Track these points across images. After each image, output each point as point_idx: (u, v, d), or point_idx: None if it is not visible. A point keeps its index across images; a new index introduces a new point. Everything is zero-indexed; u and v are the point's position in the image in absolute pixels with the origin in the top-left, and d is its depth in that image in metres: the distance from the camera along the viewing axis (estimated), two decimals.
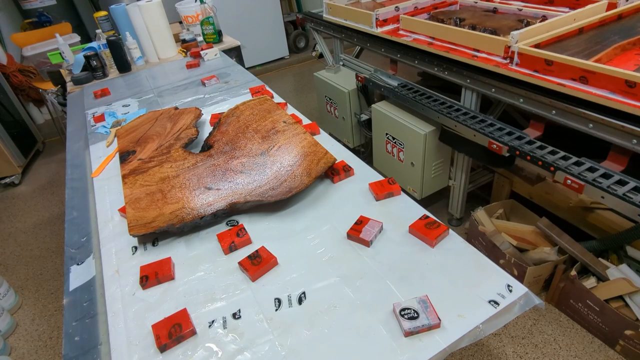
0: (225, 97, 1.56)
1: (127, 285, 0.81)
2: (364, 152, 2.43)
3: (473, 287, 0.71)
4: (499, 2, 1.78)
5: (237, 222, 0.93)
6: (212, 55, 2.02)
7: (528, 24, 1.48)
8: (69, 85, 1.99)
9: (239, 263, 0.80)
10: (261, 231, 0.89)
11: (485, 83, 1.41)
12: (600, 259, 1.38)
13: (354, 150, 2.16)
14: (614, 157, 1.17)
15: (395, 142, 1.86)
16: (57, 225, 2.40)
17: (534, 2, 1.71)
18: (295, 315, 0.70)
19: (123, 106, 1.62)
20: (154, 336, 0.68)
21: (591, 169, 1.12)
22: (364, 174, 1.03)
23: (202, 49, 2.03)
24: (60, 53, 2.12)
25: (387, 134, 1.89)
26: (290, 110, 1.37)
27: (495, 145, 1.31)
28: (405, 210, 0.90)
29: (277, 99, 1.44)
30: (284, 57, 4.29)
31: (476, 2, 1.87)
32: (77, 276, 0.85)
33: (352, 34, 2.02)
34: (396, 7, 1.82)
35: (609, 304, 1.32)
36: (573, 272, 1.40)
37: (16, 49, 3.39)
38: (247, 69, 1.89)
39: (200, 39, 2.23)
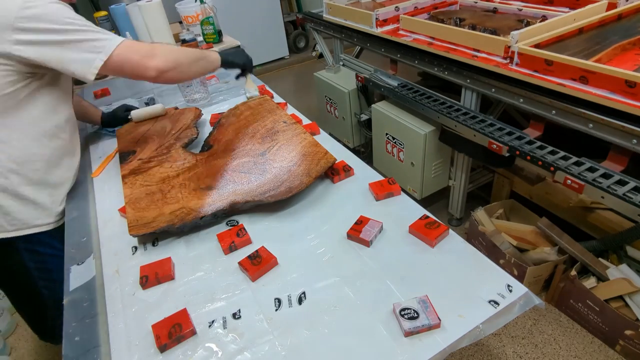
0: (225, 97, 1.56)
1: (127, 285, 0.81)
2: (364, 152, 2.43)
3: (473, 287, 0.71)
4: (499, 2, 1.78)
5: (237, 222, 0.93)
6: None
7: (528, 24, 1.48)
8: None
9: (239, 263, 0.80)
10: (261, 231, 0.89)
11: (485, 83, 1.41)
12: (600, 259, 1.39)
13: (354, 150, 2.16)
14: (614, 157, 1.17)
15: (395, 142, 1.86)
16: None
17: (534, 2, 1.71)
18: (295, 315, 0.70)
19: None
20: (154, 336, 0.68)
21: (591, 169, 1.12)
22: (364, 174, 1.03)
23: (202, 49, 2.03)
24: None
25: (387, 134, 1.89)
26: (290, 110, 1.37)
27: (495, 145, 1.31)
28: (405, 210, 0.90)
29: (277, 99, 1.44)
30: (284, 57, 4.28)
31: (476, 2, 1.87)
32: (77, 276, 0.85)
33: (352, 34, 2.02)
34: (396, 7, 1.82)
35: (609, 304, 1.32)
36: (573, 272, 1.40)
37: None
38: None
39: (200, 39, 2.23)
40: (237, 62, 1.22)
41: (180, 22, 2.43)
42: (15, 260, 1.07)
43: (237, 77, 1.32)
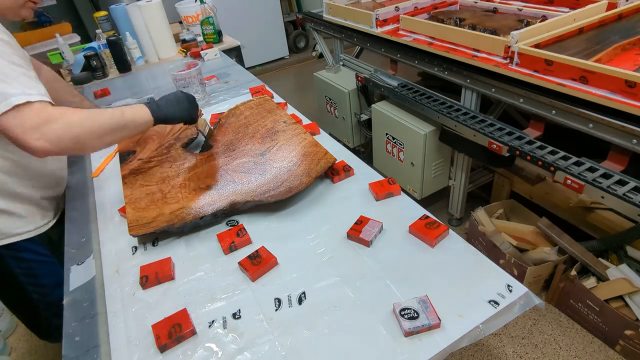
0: (225, 97, 1.56)
1: (127, 285, 0.81)
2: (364, 152, 2.43)
3: (473, 287, 0.71)
4: (499, 2, 1.78)
5: (237, 222, 0.93)
6: (212, 55, 2.02)
7: (528, 24, 1.48)
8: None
9: (239, 263, 0.80)
10: (261, 231, 0.89)
11: (485, 83, 1.41)
12: (600, 259, 1.39)
13: (354, 150, 2.16)
14: (614, 157, 1.17)
15: (395, 142, 1.86)
16: None
17: (534, 2, 1.71)
18: (295, 315, 0.70)
19: None
20: (154, 336, 0.68)
21: (591, 169, 1.12)
22: (364, 174, 1.03)
23: (202, 49, 2.03)
24: (60, 53, 2.12)
25: (387, 134, 1.89)
26: (290, 110, 1.37)
27: (495, 145, 1.31)
28: (405, 210, 0.90)
29: (277, 99, 1.44)
30: (284, 57, 4.28)
31: (476, 2, 1.87)
32: (77, 276, 0.85)
33: (352, 34, 2.02)
34: (396, 7, 1.82)
35: (609, 304, 1.32)
36: (573, 272, 1.40)
37: None
38: (247, 69, 1.89)
39: (200, 39, 2.23)
40: (177, 116, 0.98)
41: (180, 22, 2.43)
42: (2, 267, 1.05)
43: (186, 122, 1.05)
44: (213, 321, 0.71)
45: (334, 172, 1.02)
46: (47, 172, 1.10)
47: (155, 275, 0.79)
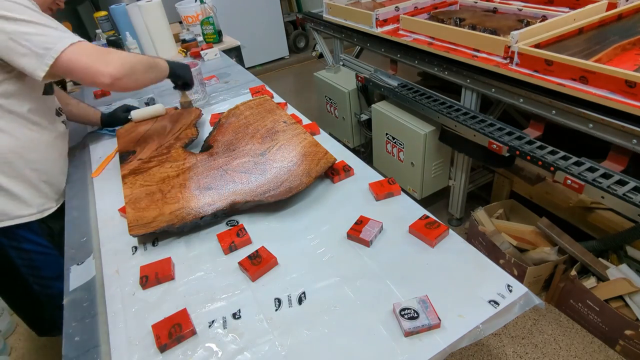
0: (225, 97, 1.56)
1: (127, 285, 0.81)
2: (364, 152, 2.43)
3: (473, 287, 0.71)
4: (499, 2, 1.78)
5: (237, 222, 0.93)
6: (212, 55, 2.02)
7: (528, 24, 1.48)
8: (69, 85, 1.98)
9: (239, 263, 0.80)
10: (261, 231, 0.89)
11: (485, 83, 1.41)
12: (600, 259, 1.39)
13: (354, 150, 2.16)
14: (614, 157, 1.17)
15: (395, 142, 1.86)
16: None
17: (534, 2, 1.71)
18: (295, 315, 0.70)
19: None
20: (154, 336, 0.68)
21: (591, 169, 1.12)
22: (364, 174, 1.03)
23: (202, 49, 2.03)
24: None
25: (387, 134, 1.89)
26: (290, 110, 1.37)
27: (495, 145, 1.31)
28: (405, 210, 0.90)
29: (277, 99, 1.44)
30: (284, 57, 4.29)
31: (476, 2, 1.87)
32: (77, 276, 0.85)
33: (352, 34, 2.02)
34: (396, 7, 1.82)
35: (609, 304, 1.32)
36: (573, 272, 1.40)
37: None
38: (247, 69, 1.89)
39: (200, 39, 2.23)
40: (183, 75, 1.20)
41: (180, 22, 2.43)
42: (3, 258, 1.07)
43: (175, 87, 1.28)
44: (213, 321, 0.71)
45: (334, 172, 1.02)
46: (52, 156, 1.11)
47: (155, 275, 0.79)
